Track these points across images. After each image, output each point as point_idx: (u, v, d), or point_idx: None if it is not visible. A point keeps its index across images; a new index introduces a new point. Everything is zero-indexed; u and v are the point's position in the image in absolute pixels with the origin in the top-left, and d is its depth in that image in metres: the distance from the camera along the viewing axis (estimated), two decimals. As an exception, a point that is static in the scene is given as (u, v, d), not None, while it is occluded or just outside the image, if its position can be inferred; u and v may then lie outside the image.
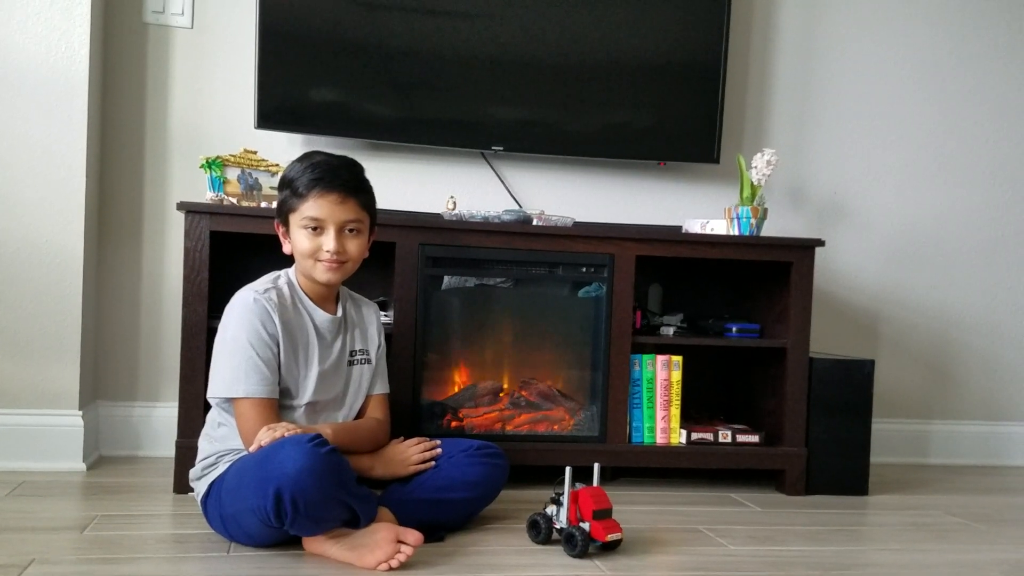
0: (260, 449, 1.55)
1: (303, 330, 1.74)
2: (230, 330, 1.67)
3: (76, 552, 1.57)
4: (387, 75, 2.39)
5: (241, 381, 1.63)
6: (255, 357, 1.64)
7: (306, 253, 1.71)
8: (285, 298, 1.72)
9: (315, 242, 1.71)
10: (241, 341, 1.64)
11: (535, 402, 2.28)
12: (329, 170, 1.71)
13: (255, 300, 1.67)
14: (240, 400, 1.64)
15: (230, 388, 1.65)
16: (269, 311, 1.67)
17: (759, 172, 2.40)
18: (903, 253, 2.86)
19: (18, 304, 2.19)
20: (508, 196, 2.58)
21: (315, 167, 1.71)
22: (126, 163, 2.41)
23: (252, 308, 1.66)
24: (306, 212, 1.70)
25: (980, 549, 1.88)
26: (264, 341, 1.65)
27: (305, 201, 1.69)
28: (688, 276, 2.58)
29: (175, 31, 2.42)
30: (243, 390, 1.63)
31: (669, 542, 1.81)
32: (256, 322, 1.65)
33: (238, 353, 1.64)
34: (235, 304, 1.69)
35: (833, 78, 2.81)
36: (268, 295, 1.68)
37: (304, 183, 1.69)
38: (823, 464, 2.31)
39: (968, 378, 2.92)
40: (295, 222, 1.72)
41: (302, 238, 1.71)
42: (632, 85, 2.53)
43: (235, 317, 1.67)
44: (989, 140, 2.91)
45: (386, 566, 1.53)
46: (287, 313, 1.70)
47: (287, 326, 1.69)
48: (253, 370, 1.64)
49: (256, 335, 1.65)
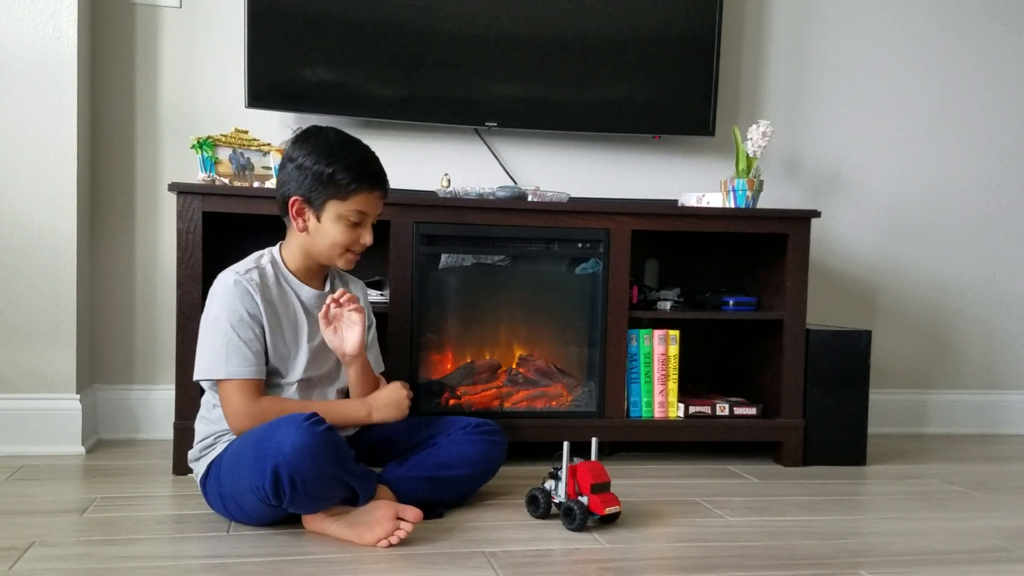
0: (258, 428, 1.56)
1: (289, 308, 1.73)
2: (211, 312, 1.66)
3: (76, 534, 1.58)
4: (379, 52, 2.37)
5: (222, 362, 1.63)
6: (236, 339, 1.63)
7: (342, 244, 1.69)
8: (268, 277, 1.71)
9: (353, 234, 1.69)
10: (222, 323, 1.64)
11: (533, 379, 2.28)
12: (378, 165, 1.71)
13: (236, 282, 1.65)
14: (223, 382, 1.64)
15: (212, 370, 1.64)
16: (250, 291, 1.65)
17: (755, 144, 2.38)
18: (900, 224, 2.86)
19: (12, 289, 2.18)
20: (503, 173, 2.56)
21: (366, 161, 1.69)
22: (117, 145, 2.39)
23: (232, 290, 1.65)
24: (356, 206, 1.68)
25: (978, 517, 1.89)
26: (245, 322, 1.64)
27: (357, 194, 1.67)
28: (684, 250, 2.57)
29: (163, 10, 2.39)
30: (224, 371, 1.63)
31: (667, 514, 1.82)
32: (237, 303, 1.64)
33: (219, 335, 1.64)
34: (217, 286, 1.68)
35: (829, 49, 2.78)
36: (249, 275, 1.67)
37: (358, 175, 1.67)
38: (821, 435, 2.32)
39: (965, 347, 2.93)
40: (335, 210, 1.68)
41: (340, 229, 1.68)
42: (625, 58, 2.51)
43: (217, 299, 1.66)
44: (987, 110, 2.89)
45: (386, 543, 1.54)
46: (270, 292, 1.69)
47: (271, 306, 1.68)
48: (234, 351, 1.63)
49: (236, 316, 1.64)
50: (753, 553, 1.59)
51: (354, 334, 1.68)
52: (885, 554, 1.61)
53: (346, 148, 1.70)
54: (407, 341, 2.13)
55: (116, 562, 1.44)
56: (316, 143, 1.69)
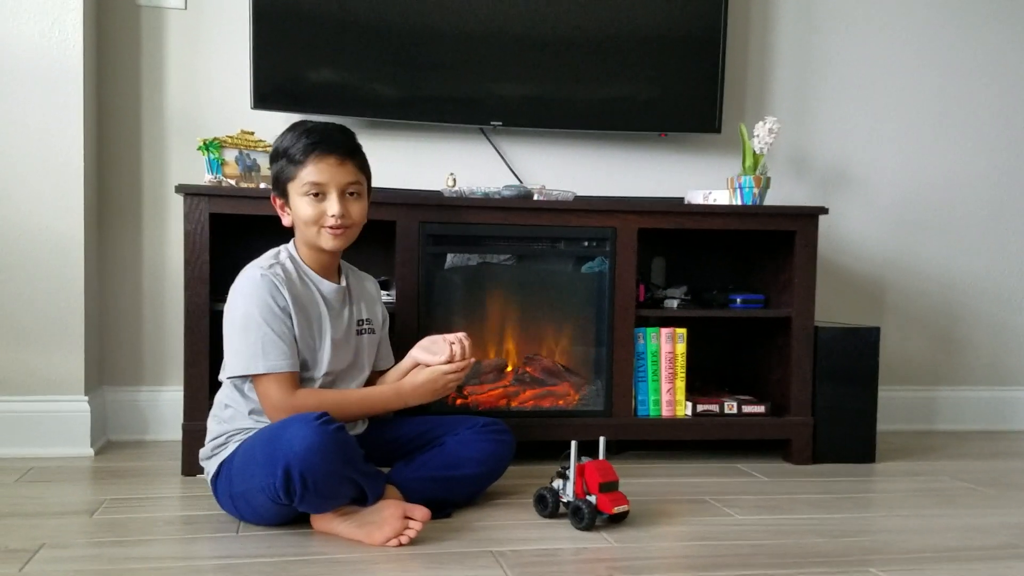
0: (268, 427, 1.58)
1: (313, 302, 1.73)
2: (241, 309, 1.65)
3: (86, 536, 1.58)
4: (384, 52, 2.37)
5: (259, 357, 1.62)
6: (270, 332, 1.63)
7: (310, 220, 1.69)
8: (290, 272, 1.71)
9: (318, 208, 1.69)
10: (254, 318, 1.63)
11: (540, 378, 2.27)
12: (325, 134, 1.70)
13: (262, 276, 1.65)
14: (261, 377, 1.63)
15: (249, 366, 1.63)
16: (277, 285, 1.65)
17: (761, 141, 2.37)
18: (908, 220, 2.84)
19: (21, 292, 2.19)
20: (508, 172, 2.56)
21: (309, 132, 1.69)
22: (123, 147, 2.40)
23: (260, 284, 1.64)
24: (306, 178, 1.68)
25: (988, 513, 1.88)
26: (277, 315, 1.64)
27: (304, 167, 1.67)
28: (691, 248, 2.56)
29: (168, 12, 2.40)
30: (264, 366, 1.62)
31: (676, 513, 1.82)
32: (267, 297, 1.64)
33: (252, 330, 1.63)
34: (242, 282, 1.68)
35: (835, 44, 2.77)
36: (274, 270, 1.67)
37: (300, 149, 1.67)
38: (830, 433, 2.31)
39: (974, 344, 2.91)
40: (295, 191, 1.70)
41: (304, 206, 1.69)
42: (631, 56, 2.51)
43: (244, 295, 1.65)
44: (993, 105, 2.88)
45: (395, 542, 1.54)
46: (295, 287, 1.69)
47: (297, 299, 1.68)
48: (271, 345, 1.62)
49: (268, 310, 1.63)
50: (763, 551, 1.58)
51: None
52: (895, 551, 1.60)
53: (296, 128, 1.71)
54: (414, 341, 2.12)
55: (126, 563, 1.44)
56: (284, 135, 1.73)
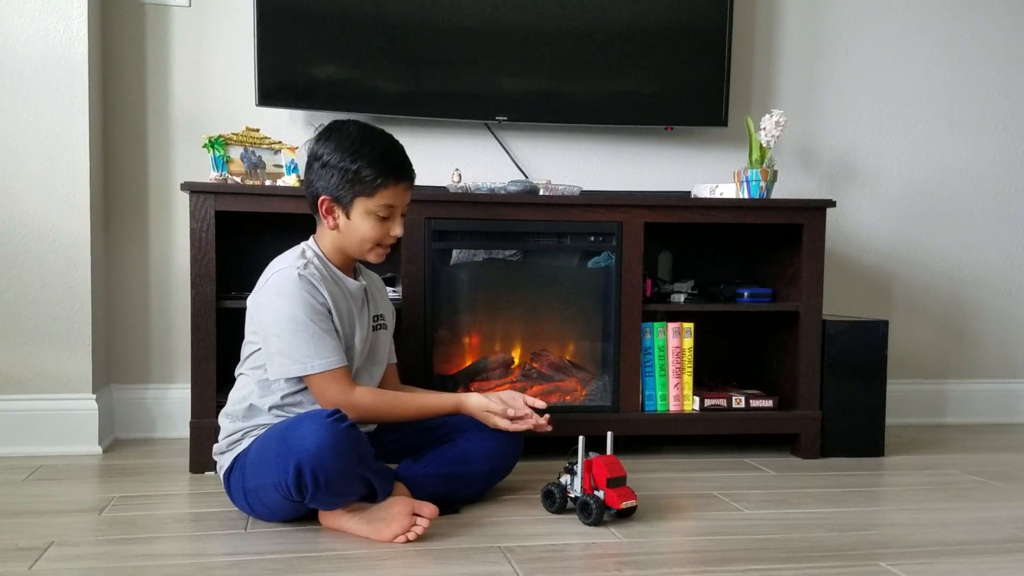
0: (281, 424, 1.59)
1: (344, 299, 1.73)
2: (285, 310, 1.64)
3: (95, 533, 1.58)
4: (389, 48, 2.37)
5: (314, 356, 1.63)
6: (319, 331, 1.63)
7: (373, 239, 1.70)
8: (321, 270, 1.71)
9: (383, 228, 1.70)
10: (300, 318, 1.63)
11: (547, 373, 2.27)
12: (403, 156, 1.72)
13: (300, 276, 1.64)
14: (316, 376, 1.64)
15: (304, 366, 1.63)
16: (315, 284, 1.66)
17: (768, 134, 2.36)
18: (916, 212, 2.83)
19: (28, 291, 2.19)
20: (514, 167, 2.55)
21: (389, 153, 1.70)
22: (129, 145, 2.40)
23: (299, 283, 1.64)
24: (384, 200, 1.68)
25: (997, 507, 1.87)
26: (321, 313, 1.65)
27: (384, 189, 1.68)
28: (698, 242, 2.56)
29: (173, 10, 2.40)
30: (319, 364, 1.63)
31: (684, 508, 1.81)
32: (308, 296, 1.64)
33: (301, 331, 1.63)
34: (280, 283, 1.66)
35: (841, 36, 2.76)
36: (309, 269, 1.67)
37: (382, 171, 1.67)
38: (838, 427, 2.31)
39: (983, 336, 2.90)
40: (364, 207, 1.68)
41: (370, 224, 1.69)
42: (636, 49, 2.50)
43: (285, 295, 1.64)
44: (1000, 96, 2.86)
45: (403, 539, 1.54)
46: (329, 284, 1.69)
47: (333, 297, 1.69)
48: (322, 343, 1.63)
49: (312, 309, 1.64)
50: (771, 546, 1.58)
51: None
52: (904, 545, 1.60)
53: (368, 143, 1.69)
54: (420, 337, 2.13)
55: (135, 561, 1.45)
56: (339, 140, 1.69)
